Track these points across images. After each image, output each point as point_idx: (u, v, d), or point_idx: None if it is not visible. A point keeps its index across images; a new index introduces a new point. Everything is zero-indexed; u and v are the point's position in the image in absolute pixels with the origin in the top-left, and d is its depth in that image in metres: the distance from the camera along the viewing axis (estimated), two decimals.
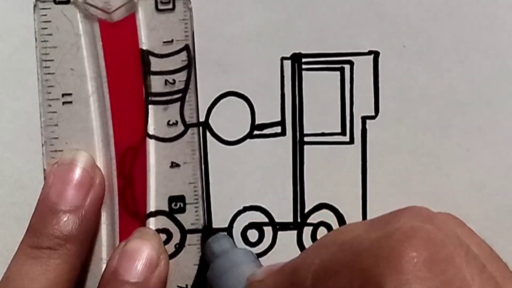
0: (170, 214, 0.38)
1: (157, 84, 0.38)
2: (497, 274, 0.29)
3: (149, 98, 0.38)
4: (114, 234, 0.38)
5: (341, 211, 0.39)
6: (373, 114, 0.38)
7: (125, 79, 0.37)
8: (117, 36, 0.37)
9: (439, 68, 0.38)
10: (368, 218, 0.39)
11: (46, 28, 0.37)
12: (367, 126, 0.39)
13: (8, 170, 0.38)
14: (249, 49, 0.38)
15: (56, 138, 0.37)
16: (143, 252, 0.36)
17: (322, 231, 0.39)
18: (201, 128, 0.38)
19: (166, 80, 0.37)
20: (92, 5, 0.36)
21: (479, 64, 0.38)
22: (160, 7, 0.37)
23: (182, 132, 0.38)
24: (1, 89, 0.37)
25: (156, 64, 0.37)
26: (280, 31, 0.38)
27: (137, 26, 0.37)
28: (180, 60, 0.38)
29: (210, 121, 0.38)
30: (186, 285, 0.39)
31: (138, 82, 0.37)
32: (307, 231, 0.39)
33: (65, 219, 0.35)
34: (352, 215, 0.39)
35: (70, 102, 0.37)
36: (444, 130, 0.38)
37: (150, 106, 0.38)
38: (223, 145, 0.38)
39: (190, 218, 0.39)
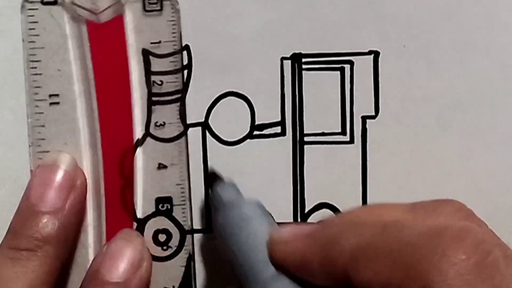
0: (169, 215, 0.38)
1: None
2: None
3: (151, 98, 0.38)
4: (101, 236, 0.38)
5: (341, 210, 0.39)
6: (373, 114, 0.38)
7: (113, 80, 0.37)
8: (105, 37, 0.37)
9: (439, 68, 0.38)
10: None
11: (33, 29, 0.37)
12: (367, 126, 0.39)
13: None
14: (249, 49, 0.38)
15: (43, 139, 0.37)
16: (125, 253, 0.36)
17: None
18: (200, 128, 0.38)
19: (153, 81, 0.37)
20: (79, 6, 0.36)
21: (479, 64, 0.38)
22: (148, 8, 0.37)
23: (181, 133, 0.38)
24: None
25: (155, 64, 0.37)
26: (280, 31, 0.38)
27: (124, 27, 0.37)
28: (179, 61, 0.37)
29: (209, 122, 0.38)
30: (173, 287, 0.39)
31: (126, 83, 0.37)
32: None
33: (44, 220, 0.35)
34: None
35: (57, 103, 0.37)
36: (444, 130, 0.38)
37: (144, 105, 0.38)
38: (223, 146, 0.38)
39: (178, 219, 0.38)
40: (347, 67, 0.38)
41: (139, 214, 0.38)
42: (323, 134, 0.39)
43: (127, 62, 0.37)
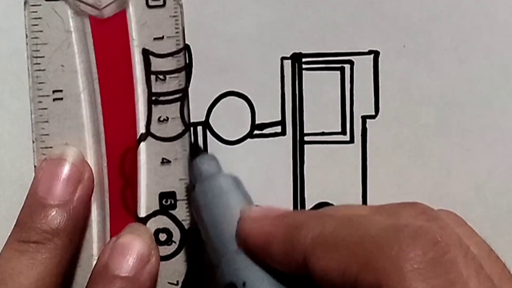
0: (170, 213, 0.38)
1: (153, 83, 0.38)
2: (494, 275, 0.29)
3: (151, 98, 0.38)
4: (105, 230, 0.38)
5: None
6: (373, 113, 0.39)
7: (116, 76, 0.37)
8: (108, 32, 0.37)
9: (439, 68, 0.38)
10: None
11: (36, 25, 0.37)
12: (367, 126, 0.39)
13: None
14: (249, 49, 0.38)
15: (47, 134, 0.37)
16: (134, 247, 0.36)
17: None
18: (201, 127, 0.38)
19: (157, 77, 0.37)
20: (82, 2, 0.36)
21: (479, 64, 0.38)
22: (151, 3, 0.37)
23: (182, 132, 0.38)
24: None
25: (155, 63, 0.38)
26: (280, 31, 0.38)
27: (127, 22, 0.37)
28: (179, 60, 0.38)
29: (210, 121, 0.38)
30: (177, 281, 0.39)
31: (129, 78, 0.37)
32: None
33: (53, 213, 0.35)
34: None
35: (61, 99, 0.37)
36: (444, 130, 0.38)
37: (144, 105, 0.38)
38: (223, 145, 0.38)
39: (181, 214, 0.39)
40: (347, 67, 0.38)
41: (143, 210, 0.38)
42: (323, 134, 0.39)
43: (130, 57, 0.37)
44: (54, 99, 0.37)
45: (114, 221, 0.38)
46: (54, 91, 0.37)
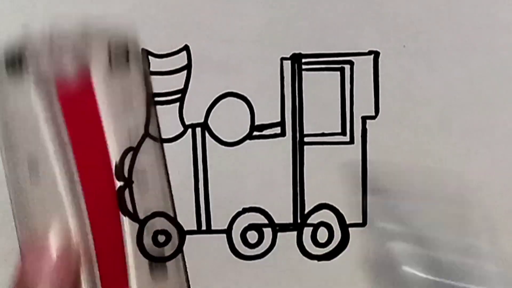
0: (169, 215, 0.38)
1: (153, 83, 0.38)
2: None
3: (152, 99, 0.38)
4: None
5: (341, 211, 0.39)
6: (373, 114, 0.38)
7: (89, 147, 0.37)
8: (77, 106, 0.37)
9: (439, 68, 0.38)
10: (368, 218, 0.39)
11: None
12: (367, 126, 0.39)
13: None
14: (249, 49, 0.38)
15: (29, 216, 0.37)
16: None
17: (322, 232, 0.39)
18: (200, 129, 0.38)
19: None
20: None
21: (479, 64, 0.38)
22: (115, 70, 0.37)
23: (181, 133, 0.38)
24: None
25: (155, 64, 0.37)
26: (280, 31, 0.38)
27: (95, 93, 0.37)
28: (179, 60, 0.37)
29: (209, 122, 0.38)
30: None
31: (102, 145, 0.37)
32: (307, 231, 0.39)
33: None
34: (352, 215, 0.39)
35: (37, 176, 0.37)
36: (444, 130, 0.39)
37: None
38: (223, 146, 0.38)
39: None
40: (347, 67, 0.38)
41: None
42: (323, 134, 0.39)
43: (101, 125, 0.37)
44: (30, 178, 0.37)
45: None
46: (29, 172, 0.37)
